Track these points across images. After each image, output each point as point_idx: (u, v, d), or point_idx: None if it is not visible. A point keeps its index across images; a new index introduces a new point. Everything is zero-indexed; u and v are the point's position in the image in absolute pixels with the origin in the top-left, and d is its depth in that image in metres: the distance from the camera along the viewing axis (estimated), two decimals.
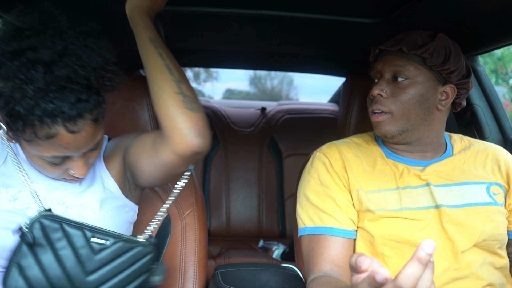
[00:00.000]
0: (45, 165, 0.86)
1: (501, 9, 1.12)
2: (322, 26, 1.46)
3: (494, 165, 1.09)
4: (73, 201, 0.93)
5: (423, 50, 1.01)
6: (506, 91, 7.32)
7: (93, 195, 0.95)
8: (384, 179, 1.05)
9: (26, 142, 0.81)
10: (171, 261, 1.09)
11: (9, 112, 0.76)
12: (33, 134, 0.78)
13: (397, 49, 1.03)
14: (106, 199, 0.96)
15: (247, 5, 1.31)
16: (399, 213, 1.00)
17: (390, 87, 1.04)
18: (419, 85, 1.03)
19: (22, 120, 0.76)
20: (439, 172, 1.05)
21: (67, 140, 0.80)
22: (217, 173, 2.42)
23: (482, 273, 0.97)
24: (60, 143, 0.80)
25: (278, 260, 2.07)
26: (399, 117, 1.03)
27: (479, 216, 1.00)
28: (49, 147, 0.80)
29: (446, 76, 1.04)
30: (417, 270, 0.53)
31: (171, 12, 1.36)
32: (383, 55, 1.07)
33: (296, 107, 2.63)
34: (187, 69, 3.40)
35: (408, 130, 1.04)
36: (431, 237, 0.98)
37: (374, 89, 1.04)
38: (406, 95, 1.02)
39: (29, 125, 0.76)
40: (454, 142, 1.14)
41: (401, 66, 1.02)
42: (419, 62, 1.02)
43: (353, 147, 1.12)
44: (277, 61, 2.22)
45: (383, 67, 1.05)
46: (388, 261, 0.99)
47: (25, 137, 0.80)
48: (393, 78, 1.04)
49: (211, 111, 2.51)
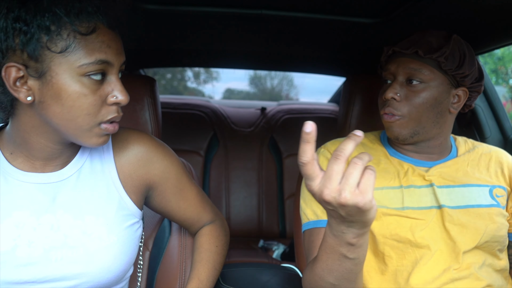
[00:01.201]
0: (84, 90, 0.72)
1: (501, 9, 1.12)
2: (322, 26, 1.45)
3: (497, 167, 1.09)
4: (71, 225, 0.79)
5: (438, 54, 1.00)
6: (506, 90, 7.32)
7: (97, 218, 0.82)
8: (388, 177, 1.05)
9: (64, 58, 0.70)
10: (171, 261, 1.09)
11: (44, 19, 0.68)
12: (73, 33, 0.69)
13: (412, 52, 1.02)
14: (115, 220, 0.84)
15: (247, 5, 1.30)
16: (401, 211, 1.00)
17: (404, 90, 1.02)
18: (433, 88, 1.02)
19: (60, 22, 0.69)
20: (442, 173, 1.05)
21: (108, 35, 0.73)
22: (217, 173, 2.41)
23: (481, 274, 0.97)
24: (102, 38, 0.72)
25: (278, 260, 2.07)
26: (412, 120, 1.02)
27: (482, 217, 1.00)
28: (92, 46, 0.71)
29: (460, 79, 1.03)
30: (340, 165, 0.61)
31: (171, 12, 1.36)
32: (396, 57, 1.06)
33: (296, 107, 2.63)
34: (187, 69, 3.41)
35: (419, 132, 1.03)
36: (432, 237, 0.98)
37: (388, 92, 1.02)
38: (420, 99, 1.01)
39: (69, 24, 0.69)
40: (459, 144, 1.14)
41: (416, 69, 1.01)
42: (434, 66, 1.01)
43: (358, 146, 1.12)
44: (277, 61, 2.22)
45: (397, 69, 1.03)
46: (388, 261, 0.99)
47: (63, 46, 0.69)
48: (407, 81, 1.03)
49: (211, 111, 2.51)
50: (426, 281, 0.96)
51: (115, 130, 0.78)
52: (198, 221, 1.04)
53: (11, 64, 0.69)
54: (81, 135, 0.76)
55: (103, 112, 0.75)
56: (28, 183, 0.80)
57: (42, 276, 0.77)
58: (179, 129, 2.39)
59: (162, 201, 0.96)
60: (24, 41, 0.68)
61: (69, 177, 0.83)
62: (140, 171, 0.90)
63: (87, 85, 0.72)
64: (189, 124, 2.43)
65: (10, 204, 0.78)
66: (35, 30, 0.68)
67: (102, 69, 0.73)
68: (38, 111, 0.74)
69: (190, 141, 2.39)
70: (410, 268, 0.97)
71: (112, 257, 0.82)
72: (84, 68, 0.71)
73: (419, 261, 0.97)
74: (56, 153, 0.81)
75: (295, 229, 1.27)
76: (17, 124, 0.77)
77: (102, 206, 0.84)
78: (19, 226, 0.77)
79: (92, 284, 0.81)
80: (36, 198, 0.79)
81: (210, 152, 2.43)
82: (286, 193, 2.42)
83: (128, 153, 0.89)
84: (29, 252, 0.76)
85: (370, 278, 1.01)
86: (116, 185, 0.87)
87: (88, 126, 0.75)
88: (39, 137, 0.77)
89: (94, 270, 0.80)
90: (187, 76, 9.75)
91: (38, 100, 0.72)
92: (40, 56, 0.69)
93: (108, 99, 0.75)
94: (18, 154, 0.80)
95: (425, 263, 0.97)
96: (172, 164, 0.94)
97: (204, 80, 9.52)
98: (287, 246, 2.15)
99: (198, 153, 2.40)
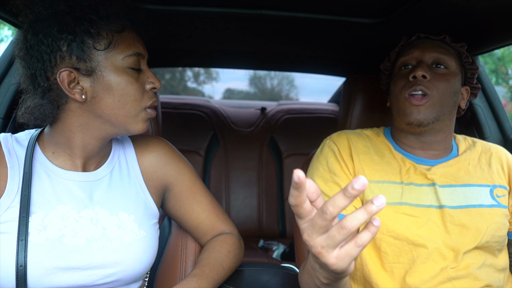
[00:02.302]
0: (129, 79, 0.85)
1: (501, 9, 1.12)
2: (322, 26, 1.45)
3: (498, 165, 1.10)
4: (108, 220, 0.90)
5: (461, 45, 1.04)
6: (506, 91, 7.32)
7: (129, 214, 0.93)
8: (390, 172, 1.05)
9: (108, 53, 0.83)
10: (172, 261, 1.08)
11: (84, 25, 0.81)
12: (110, 32, 0.83)
13: (440, 38, 1.05)
14: (143, 217, 0.95)
15: (247, 5, 1.30)
16: (398, 207, 1.00)
17: (431, 73, 1.03)
18: (456, 76, 1.04)
19: (97, 25, 0.82)
20: (445, 172, 1.06)
21: (133, 33, 0.87)
22: (217, 173, 2.41)
23: (480, 274, 0.97)
24: (131, 35, 0.87)
25: (278, 260, 2.07)
26: (437, 103, 1.02)
27: (483, 217, 1.01)
28: (127, 41, 0.85)
29: (470, 76, 1.07)
30: (341, 200, 0.54)
31: (171, 12, 1.36)
32: (420, 43, 1.08)
33: (296, 107, 2.63)
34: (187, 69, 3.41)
35: (439, 119, 1.03)
36: (430, 237, 0.98)
37: (418, 70, 1.02)
38: (445, 83, 1.02)
39: (104, 25, 0.82)
40: (459, 141, 1.15)
41: (444, 54, 1.04)
42: (455, 56, 1.05)
43: (363, 138, 1.13)
44: (277, 61, 2.21)
45: (423, 53, 1.05)
46: (383, 257, 0.99)
47: (105, 43, 0.83)
48: (432, 64, 1.05)
49: (211, 111, 2.51)
50: (423, 280, 0.96)
51: (155, 115, 0.92)
52: (212, 229, 1.05)
53: (63, 69, 0.81)
54: (130, 121, 0.88)
55: (145, 97, 0.89)
56: (68, 180, 0.89)
57: (86, 263, 0.85)
58: (179, 129, 2.39)
59: (177, 203, 1.03)
60: (72, 47, 0.81)
61: (102, 178, 0.93)
62: (159, 172, 1.01)
63: (130, 74, 0.86)
64: (189, 124, 2.43)
65: (54, 198, 0.87)
66: (80, 35, 0.81)
67: (137, 61, 0.87)
68: (89, 108, 0.85)
69: (190, 141, 2.39)
70: (407, 266, 0.97)
71: (143, 249, 0.92)
72: (126, 60, 0.84)
73: (416, 259, 0.97)
74: (95, 150, 0.91)
75: (295, 229, 1.27)
76: (62, 126, 0.87)
77: (132, 204, 0.94)
78: (63, 218, 0.86)
79: (126, 273, 0.90)
80: (76, 194, 0.89)
81: (210, 152, 2.43)
82: (286, 193, 2.42)
83: (150, 156, 1.01)
84: (74, 241, 0.85)
85: (369, 271, 1.01)
86: (142, 187, 0.98)
87: (136, 111, 0.87)
88: (84, 134, 0.88)
89: (129, 260, 0.89)
90: (186, 76, 9.75)
91: (91, 96, 0.84)
92: (88, 56, 0.82)
93: (146, 86, 0.89)
94: (60, 153, 0.90)
95: (423, 262, 0.97)
96: (186, 167, 1.05)
97: (203, 80, 9.52)
98: (287, 246, 2.15)
99: (198, 153, 2.40)
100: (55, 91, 0.83)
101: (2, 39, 7.95)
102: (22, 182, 0.84)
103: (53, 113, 0.85)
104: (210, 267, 0.96)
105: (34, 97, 0.84)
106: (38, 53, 0.81)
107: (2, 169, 0.85)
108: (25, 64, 0.83)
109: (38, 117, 0.85)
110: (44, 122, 0.87)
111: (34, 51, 0.81)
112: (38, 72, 0.82)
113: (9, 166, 0.85)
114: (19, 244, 0.80)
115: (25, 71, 0.84)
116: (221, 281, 0.97)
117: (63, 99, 0.84)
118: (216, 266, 0.97)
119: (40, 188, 0.87)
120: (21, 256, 0.79)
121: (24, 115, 0.85)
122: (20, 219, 0.81)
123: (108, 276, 0.88)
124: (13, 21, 1.28)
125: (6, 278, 0.80)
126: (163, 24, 1.51)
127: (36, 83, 0.83)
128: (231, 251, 1.02)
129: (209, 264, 0.96)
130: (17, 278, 0.79)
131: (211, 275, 0.94)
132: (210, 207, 1.05)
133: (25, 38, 0.83)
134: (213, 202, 1.07)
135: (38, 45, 0.81)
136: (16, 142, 0.90)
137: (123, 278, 0.90)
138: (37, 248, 0.81)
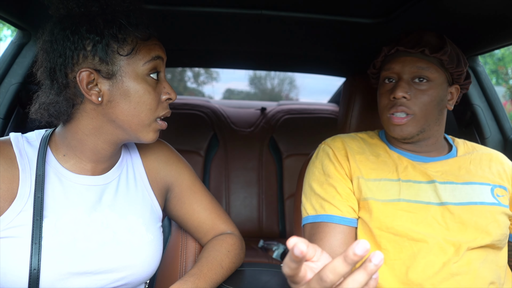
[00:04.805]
0: (148, 87, 0.84)
1: (501, 9, 1.12)
2: (322, 26, 1.46)
3: (498, 167, 1.11)
4: (118, 223, 0.90)
5: (442, 52, 1.03)
6: (505, 90, 7.32)
7: (137, 218, 0.93)
8: (386, 170, 1.06)
9: (130, 60, 0.83)
10: (172, 261, 1.08)
11: (113, 29, 0.81)
12: (135, 39, 0.83)
13: (418, 51, 1.03)
14: (150, 220, 0.96)
15: (247, 5, 1.31)
16: (396, 204, 1.01)
17: (412, 89, 1.03)
18: (438, 86, 1.04)
19: (126, 31, 0.82)
20: (445, 170, 1.07)
21: (156, 40, 0.87)
22: (217, 173, 2.41)
23: (482, 271, 0.98)
24: (155, 42, 0.86)
25: (278, 260, 2.07)
26: (421, 118, 1.04)
27: (484, 215, 1.01)
28: (149, 47, 0.84)
29: (457, 77, 1.07)
30: (342, 266, 0.50)
31: (171, 12, 1.36)
32: (400, 56, 1.06)
33: (296, 107, 2.63)
34: (187, 69, 3.40)
35: (425, 130, 1.05)
36: (430, 232, 0.98)
37: (397, 91, 1.02)
38: (428, 97, 1.03)
39: (132, 32, 0.83)
40: (458, 144, 1.16)
41: (424, 68, 1.03)
42: (437, 64, 1.04)
43: (358, 140, 1.14)
44: (277, 61, 2.21)
45: (403, 69, 1.04)
46: (384, 254, 1.00)
47: (129, 49, 0.82)
48: (413, 79, 1.04)
49: (211, 111, 2.51)
50: (426, 276, 0.96)
51: (166, 127, 0.91)
52: (213, 229, 1.05)
53: (84, 69, 0.80)
54: (141, 130, 0.87)
55: (160, 108, 0.88)
56: (79, 184, 0.88)
57: (98, 268, 0.85)
58: (179, 129, 2.39)
59: (178, 203, 1.04)
60: (97, 48, 0.80)
61: (111, 182, 0.93)
62: (161, 173, 1.02)
63: (149, 83, 0.85)
64: (189, 124, 2.43)
65: (66, 202, 0.86)
66: (107, 38, 0.80)
67: (157, 66, 0.86)
68: (104, 111, 0.84)
69: (190, 141, 2.39)
70: (408, 262, 0.98)
71: (151, 252, 0.92)
72: (146, 66, 0.84)
73: (417, 254, 0.97)
74: (107, 155, 0.90)
75: (295, 229, 1.28)
76: (75, 127, 0.86)
77: (139, 208, 0.95)
78: (75, 222, 0.85)
79: (135, 277, 0.90)
80: (86, 197, 0.88)
81: (210, 152, 2.43)
82: (286, 193, 2.42)
83: (152, 157, 1.02)
84: (86, 246, 0.85)
85: None
86: (148, 190, 0.99)
87: (149, 120, 0.87)
88: (96, 138, 0.87)
89: (138, 263, 0.90)
90: (186, 76, 9.75)
91: (107, 99, 0.82)
92: (111, 60, 0.81)
93: (162, 97, 0.88)
94: (71, 156, 0.88)
95: (424, 256, 0.97)
96: (185, 167, 1.06)
97: (203, 80, 9.51)
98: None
99: (198, 153, 2.40)
100: (72, 89, 0.82)
101: (1, 39, 7.95)
102: (35, 185, 0.83)
103: (68, 111, 0.84)
104: (209, 266, 0.95)
105: (49, 92, 0.83)
106: (62, 48, 0.80)
107: (14, 171, 0.83)
108: (46, 57, 0.82)
109: (53, 114, 0.83)
110: (58, 120, 0.85)
111: (58, 45, 0.80)
112: (58, 67, 0.81)
113: (20, 168, 0.83)
114: (33, 247, 0.79)
115: (46, 63, 0.82)
116: (220, 281, 0.96)
117: (78, 98, 0.83)
118: (214, 265, 0.96)
119: (51, 192, 0.85)
120: (34, 260, 0.78)
121: (38, 111, 0.84)
122: (34, 222, 0.80)
123: (118, 280, 0.88)
124: (13, 21, 1.28)
125: (18, 283, 0.79)
126: (163, 24, 1.51)
127: (54, 78, 0.82)
128: (231, 250, 1.02)
129: (208, 264, 0.95)
130: (29, 282, 0.78)
131: (209, 274, 0.93)
132: (210, 206, 1.06)
133: (52, 32, 0.82)
134: (213, 202, 1.07)
135: (64, 40, 0.80)
136: (27, 142, 0.88)
137: (132, 282, 0.90)
138: (50, 252, 0.80)
